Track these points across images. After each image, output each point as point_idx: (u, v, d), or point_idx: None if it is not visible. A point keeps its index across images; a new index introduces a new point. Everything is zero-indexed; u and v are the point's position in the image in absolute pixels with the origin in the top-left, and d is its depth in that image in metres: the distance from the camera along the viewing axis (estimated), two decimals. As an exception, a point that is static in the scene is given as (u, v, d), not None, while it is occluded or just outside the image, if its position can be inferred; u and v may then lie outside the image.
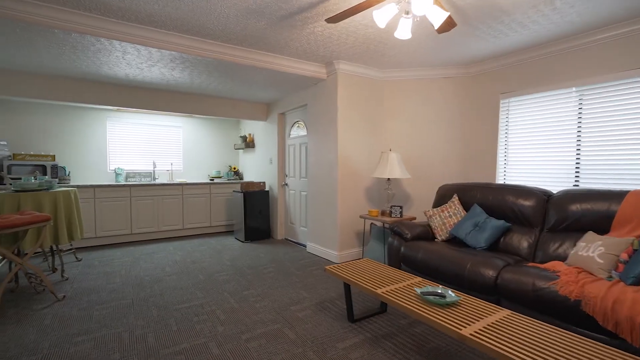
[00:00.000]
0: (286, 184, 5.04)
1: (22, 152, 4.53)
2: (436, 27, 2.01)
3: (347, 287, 2.39)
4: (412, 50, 3.27)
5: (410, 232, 3.03)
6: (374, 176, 3.58)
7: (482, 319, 1.66)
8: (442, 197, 3.41)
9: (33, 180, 3.02)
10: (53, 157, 4.57)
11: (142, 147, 5.49)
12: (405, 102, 4.03)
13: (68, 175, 4.78)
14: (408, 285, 2.14)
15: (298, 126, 4.76)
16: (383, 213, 3.62)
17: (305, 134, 4.56)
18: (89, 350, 2.01)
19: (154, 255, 4.11)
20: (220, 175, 6.03)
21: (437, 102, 3.92)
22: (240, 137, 5.93)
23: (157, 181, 5.44)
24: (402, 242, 3.02)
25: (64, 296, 2.80)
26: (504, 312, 1.73)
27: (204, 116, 5.62)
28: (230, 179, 5.95)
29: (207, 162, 6.10)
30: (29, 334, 2.19)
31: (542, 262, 2.45)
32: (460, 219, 3.05)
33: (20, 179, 4.13)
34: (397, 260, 3.02)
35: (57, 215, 3.03)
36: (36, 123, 4.69)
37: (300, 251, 4.35)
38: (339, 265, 2.56)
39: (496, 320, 1.63)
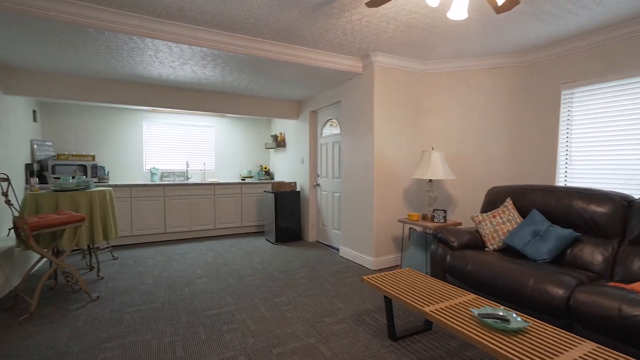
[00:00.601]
0: (318, 185, 4.86)
1: (65, 153, 4.70)
2: (500, 4, 1.71)
3: (388, 301, 2.16)
4: (460, 37, 2.95)
5: (457, 239, 2.73)
6: (414, 177, 3.30)
7: (561, 353, 1.35)
8: (492, 201, 3.05)
9: (71, 180, 3.06)
10: (93, 157, 4.71)
11: (176, 147, 5.54)
12: (448, 96, 3.69)
13: (107, 174, 4.91)
14: (460, 303, 1.87)
15: (331, 124, 4.55)
16: (424, 217, 3.33)
17: (339, 132, 4.35)
18: (117, 358, 1.93)
19: (185, 256, 4.09)
20: (252, 175, 5.97)
21: (485, 96, 3.55)
22: (271, 136, 5.83)
23: (190, 181, 5.47)
24: (448, 251, 2.72)
25: (98, 296, 2.79)
26: (588, 346, 1.41)
27: (236, 115, 5.57)
28: (261, 179, 5.88)
29: (239, 161, 6.07)
30: (61, 337, 2.16)
31: (625, 282, 2.06)
32: (515, 226, 2.70)
33: (74, 177, 4.28)
34: (442, 270, 2.72)
35: (93, 215, 3.04)
36: (78, 124, 4.86)
37: (332, 255, 4.15)
38: (378, 275, 2.33)
39: (580, 357, 1.33)
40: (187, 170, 5.50)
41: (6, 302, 2.68)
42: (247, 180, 5.72)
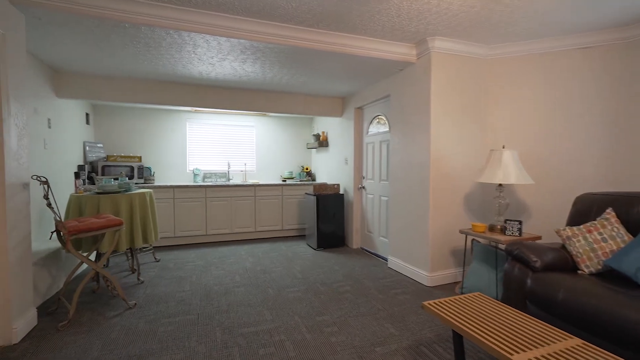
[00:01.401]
0: (363, 187, 4.48)
1: (114, 154, 4.82)
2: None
3: (457, 336, 1.74)
4: (542, 10, 2.41)
5: (539, 258, 2.21)
6: (478, 181, 2.80)
7: None
8: (584, 212, 2.47)
9: (113, 182, 3.01)
10: (140, 158, 4.78)
11: (217, 147, 5.49)
12: (521, 85, 3.12)
13: (153, 175, 4.97)
14: (564, 352, 1.40)
15: (378, 121, 4.15)
16: (492, 228, 2.81)
17: (387, 130, 3.93)
18: (144, 382, 1.74)
19: (225, 260, 3.95)
20: (292, 176, 5.75)
21: (569, 83, 2.93)
22: (313, 135, 5.56)
23: (231, 182, 5.38)
24: (528, 273, 2.21)
25: (135, 304, 2.69)
26: None
27: (277, 114, 5.38)
28: (302, 180, 5.64)
29: (279, 162, 5.89)
30: (93, 349, 2.04)
31: None
32: (622, 244, 2.11)
33: (116, 178, 4.36)
34: (520, 296, 2.22)
35: (133, 218, 2.97)
36: (127, 126, 4.97)
37: (379, 266, 3.76)
38: (442, 302, 1.91)
39: None
40: (228, 171, 5.42)
41: (50, 305, 2.68)
42: (288, 181, 5.51)
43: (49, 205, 2.27)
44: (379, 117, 4.12)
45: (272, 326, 2.34)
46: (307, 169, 5.87)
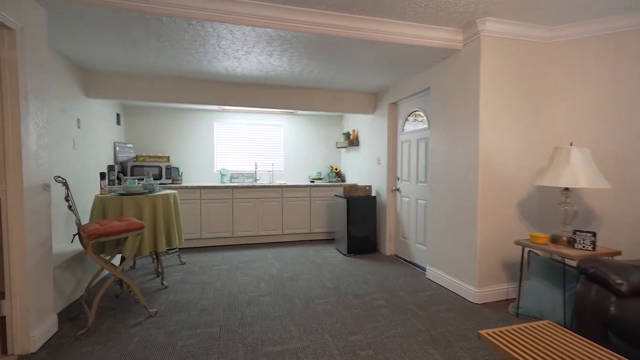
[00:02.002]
0: (397, 189, 4.14)
1: (143, 154, 4.82)
2: None
3: (528, 380, 1.39)
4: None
5: (625, 280, 1.80)
6: (539, 184, 2.39)
7: None
8: (681, 223, 2.00)
9: (137, 184, 2.91)
10: (168, 158, 4.74)
11: (245, 147, 5.37)
12: (590, 72, 2.66)
13: (181, 175, 4.92)
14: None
15: (415, 118, 3.80)
16: (557, 240, 2.39)
17: (425, 126, 3.57)
18: (157, 409, 1.55)
19: (251, 265, 3.77)
20: (321, 177, 5.51)
21: (655, 66, 2.44)
22: (343, 134, 5.28)
23: (258, 182, 5.23)
24: (611, 298, 1.80)
25: (157, 312, 2.55)
26: None
27: (305, 112, 5.16)
28: (331, 181, 5.37)
29: (308, 162, 5.66)
30: (109, 364, 1.90)
31: None
32: None
33: (141, 179, 4.34)
34: (600, 326, 1.82)
35: (156, 221, 2.85)
36: (156, 126, 4.96)
37: (417, 276, 3.41)
38: (503, 332, 1.57)
39: None
40: (255, 172, 5.27)
41: (73, 310, 2.60)
42: (317, 182, 5.27)
43: (70, 207, 2.17)
44: (417, 112, 3.76)
45: (299, 345, 2.10)
46: (336, 169, 5.60)
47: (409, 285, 3.16)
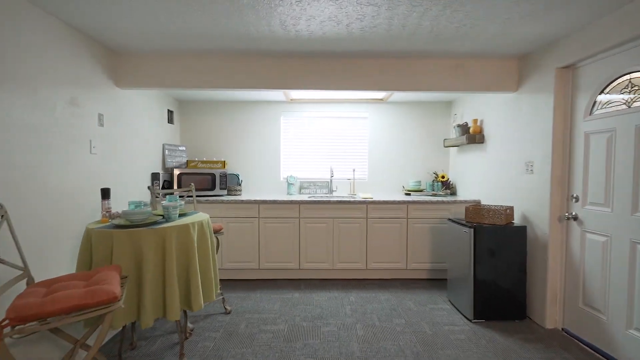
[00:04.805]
0: (573, 217, 2.36)
1: (196, 159, 3.96)
2: None
3: None
4: None
5: None
6: None
7: None
8: None
9: (142, 208, 1.87)
10: (224, 163, 3.79)
11: (318, 148, 4.14)
12: None
13: (240, 184, 3.94)
14: None
15: (623, 89, 2.00)
16: None
17: (663, 100, 1.76)
18: None
19: (320, 327, 2.47)
20: (421, 188, 3.94)
21: None
22: (457, 126, 3.62)
23: (334, 195, 3.94)
24: None
25: None
26: None
27: (402, 97, 3.69)
28: (437, 194, 3.77)
29: (401, 166, 4.15)
30: None
31: None
32: None
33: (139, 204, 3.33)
34: None
35: (166, 271, 1.74)
36: (213, 125, 4.08)
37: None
38: None
39: None
40: (331, 180, 3.99)
41: (38, 409, 1.65)
42: (415, 195, 3.73)
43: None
44: (632, 77, 1.96)
45: None
46: (442, 177, 3.96)
47: None
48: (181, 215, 2.12)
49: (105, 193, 1.99)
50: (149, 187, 2.63)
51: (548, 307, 2.46)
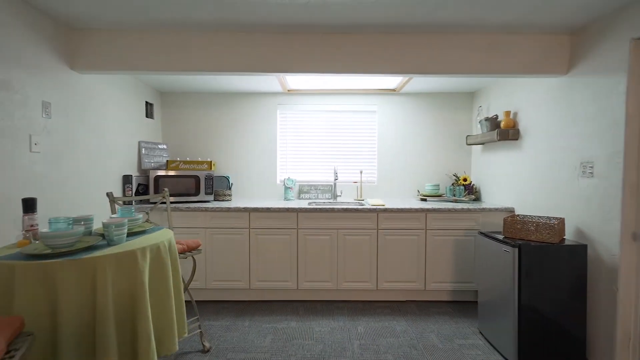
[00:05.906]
0: (652, 236, 1.80)
1: (178, 159, 3.44)
2: None
3: None
4: None
5: None
6: None
7: None
8: None
9: (69, 227, 1.34)
10: (210, 163, 3.25)
11: (319, 146, 3.60)
12: None
13: (230, 188, 3.41)
14: None
15: None
16: None
17: None
18: None
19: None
20: (439, 193, 3.38)
21: None
22: (484, 120, 3.06)
23: (339, 201, 3.39)
24: None
25: None
26: None
27: (417, 87, 3.17)
28: (458, 200, 3.21)
29: (416, 167, 3.60)
30: None
31: None
32: None
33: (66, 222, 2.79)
34: None
35: (97, 319, 1.21)
36: (200, 120, 3.55)
37: None
38: None
39: None
40: (334, 184, 3.44)
41: None
42: (432, 202, 3.17)
43: None
44: None
45: None
46: (464, 180, 3.41)
47: None
48: (135, 234, 1.59)
49: (29, 204, 1.46)
50: (107, 194, 2.10)
51: (618, 351, 1.90)
